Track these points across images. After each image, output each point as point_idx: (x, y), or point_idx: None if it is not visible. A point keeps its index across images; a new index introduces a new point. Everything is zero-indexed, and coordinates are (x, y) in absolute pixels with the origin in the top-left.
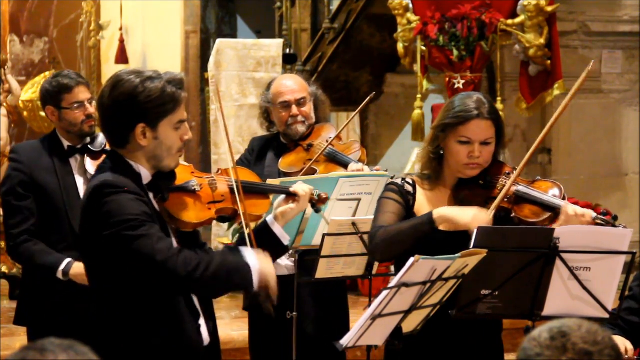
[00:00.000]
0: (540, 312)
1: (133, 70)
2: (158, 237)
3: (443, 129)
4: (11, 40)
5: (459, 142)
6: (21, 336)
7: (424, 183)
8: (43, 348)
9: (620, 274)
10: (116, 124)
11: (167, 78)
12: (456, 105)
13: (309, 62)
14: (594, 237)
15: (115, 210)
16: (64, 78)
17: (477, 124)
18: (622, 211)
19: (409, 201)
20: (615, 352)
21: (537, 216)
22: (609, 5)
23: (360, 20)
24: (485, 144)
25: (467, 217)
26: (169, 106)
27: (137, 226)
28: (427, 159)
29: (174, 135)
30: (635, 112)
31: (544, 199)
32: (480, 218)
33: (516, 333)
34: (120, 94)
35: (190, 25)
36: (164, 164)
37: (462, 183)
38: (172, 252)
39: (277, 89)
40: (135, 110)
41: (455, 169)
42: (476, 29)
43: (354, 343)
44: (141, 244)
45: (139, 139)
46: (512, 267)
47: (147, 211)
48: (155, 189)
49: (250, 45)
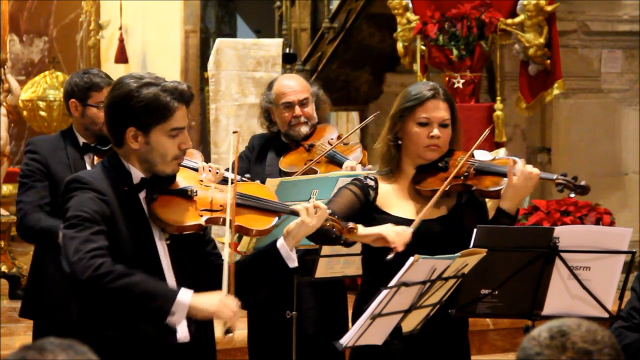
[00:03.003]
0: (539, 312)
1: (138, 74)
2: (87, 239)
3: (401, 114)
4: (11, 39)
5: (419, 124)
6: (21, 335)
7: (384, 178)
8: (42, 347)
9: (620, 273)
10: (112, 124)
11: (165, 86)
12: (411, 90)
13: (308, 62)
14: (593, 237)
15: (72, 205)
16: (95, 76)
17: (434, 104)
18: (622, 211)
19: (369, 195)
20: (615, 351)
21: (496, 184)
22: (609, 5)
23: (360, 19)
24: (443, 125)
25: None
26: (159, 114)
27: (75, 224)
28: (385, 150)
29: (169, 142)
30: (635, 112)
31: (502, 169)
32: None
33: (516, 332)
34: (116, 96)
35: (189, 25)
36: (157, 169)
37: (421, 170)
38: (88, 255)
39: (280, 90)
40: (126, 114)
41: (415, 154)
42: (476, 28)
43: (353, 343)
44: (68, 242)
45: (130, 142)
46: (511, 267)
47: (99, 211)
48: (147, 189)
49: (250, 44)
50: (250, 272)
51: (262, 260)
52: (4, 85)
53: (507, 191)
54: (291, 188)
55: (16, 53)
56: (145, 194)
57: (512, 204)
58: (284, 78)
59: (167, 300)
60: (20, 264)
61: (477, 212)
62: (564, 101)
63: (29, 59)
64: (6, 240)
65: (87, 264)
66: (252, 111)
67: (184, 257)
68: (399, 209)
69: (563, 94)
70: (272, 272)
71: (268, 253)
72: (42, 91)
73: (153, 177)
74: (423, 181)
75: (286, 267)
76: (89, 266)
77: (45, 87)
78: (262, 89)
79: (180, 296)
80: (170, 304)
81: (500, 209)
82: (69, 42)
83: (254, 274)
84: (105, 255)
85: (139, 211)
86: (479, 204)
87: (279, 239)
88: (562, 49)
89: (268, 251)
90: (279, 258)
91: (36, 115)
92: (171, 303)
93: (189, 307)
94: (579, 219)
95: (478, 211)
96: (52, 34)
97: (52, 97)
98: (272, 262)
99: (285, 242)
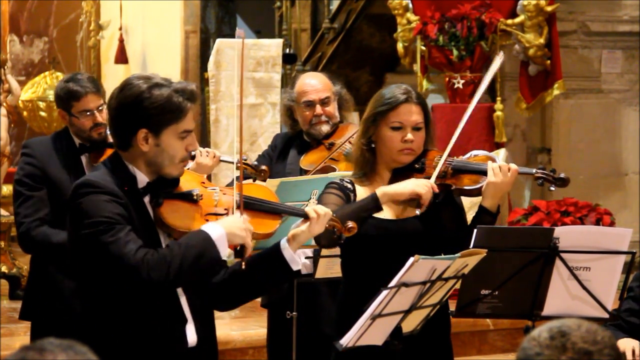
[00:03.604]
0: (540, 312)
1: (144, 75)
2: (125, 240)
3: (374, 119)
4: (11, 40)
5: (392, 129)
6: (21, 336)
7: (359, 182)
8: (42, 348)
9: (620, 273)
10: (120, 127)
11: (176, 87)
12: (385, 94)
13: (308, 62)
14: (593, 237)
15: (90, 210)
16: (75, 84)
17: (406, 108)
18: (622, 211)
19: (350, 196)
20: (615, 351)
21: (475, 182)
22: (609, 5)
23: (360, 20)
24: (416, 129)
25: (409, 184)
26: (173, 115)
27: (106, 230)
28: (359, 154)
29: (178, 144)
30: (635, 112)
31: (481, 167)
32: (421, 182)
33: (516, 333)
34: (126, 97)
35: (190, 25)
36: (164, 172)
37: (397, 173)
38: (139, 257)
39: (301, 88)
40: (138, 115)
41: (390, 158)
42: (476, 28)
43: (353, 343)
44: (111, 248)
45: (140, 144)
46: (511, 267)
47: (120, 212)
48: (152, 193)
49: (250, 45)
50: (254, 273)
51: (265, 262)
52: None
53: (487, 189)
54: (292, 188)
55: (16, 53)
56: (149, 198)
57: (493, 202)
58: (306, 76)
59: (211, 247)
60: (20, 265)
61: (454, 210)
62: (564, 101)
63: (29, 60)
64: (6, 240)
65: (151, 267)
66: (252, 111)
67: None
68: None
69: (563, 95)
70: (275, 274)
71: (272, 255)
72: (42, 91)
73: (158, 181)
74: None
75: (289, 269)
76: (154, 267)
77: (45, 87)
78: (263, 89)
79: (215, 236)
80: (215, 249)
81: (482, 207)
82: (69, 42)
83: (257, 275)
84: (147, 252)
85: (145, 215)
86: (454, 203)
87: (283, 241)
88: (562, 49)
89: (272, 254)
90: (283, 261)
91: (36, 116)
92: (215, 247)
93: (227, 237)
94: (579, 219)
95: (454, 209)
96: (52, 34)
97: (52, 98)
98: (276, 264)
99: (290, 246)
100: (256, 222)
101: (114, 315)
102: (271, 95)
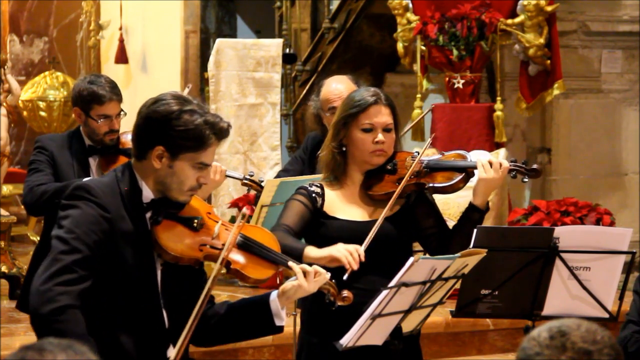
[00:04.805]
0: (540, 312)
1: (181, 95)
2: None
3: (345, 122)
4: (11, 40)
5: (363, 130)
6: (21, 336)
7: (330, 185)
8: (42, 348)
9: (620, 273)
10: (140, 137)
11: (208, 119)
12: (354, 97)
13: (308, 62)
14: (593, 237)
15: (71, 217)
16: (100, 88)
17: (376, 109)
18: (622, 211)
19: (317, 202)
20: (615, 351)
21: (449, 179)
22: (609, 5)
23: (360, 20)
24: (387, 130)
25: (331, 250)
26: (195, 144)
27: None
28: (330, 157)
29: (191, 172)
30: (635, 112)
31: (455, 164)
32: (343, 248)
33: (516, 332)
34: (155, 112)
35: (190, 25)
36: (170, 194)
37: (369, 175)
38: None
39: (326, 96)
40: (161, 133)
41: (362, 160)
42: (476, 28)
43: (353, 343)
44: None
45: (153, 160)
46: (511, 267)
47: (96, 231)
48: (154, 210)
49: (250, 45)
50: (236, 318)
51: (250, 310)
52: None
53: (478, 186)
54: (292, 188)
55: (16, 53)
56: (150, 215)
57: (483, 199)
58: (331, 81)
59: None
60: (20, 264)
61: (428, 207)
62: (564, 101)
63: (29, 59)
64: (6, 240)
65: (50, 297)
66: (252, 111)
67: (174, 285)
68: (347, 213)
69: (563, 94)
70: (257, 324)
71: (258, 304)
72: (42, 91)
73: (163, 199)
74: (374, 186)
75: (272, 323)
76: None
77: (46, 87)
78: (262, 89)
79: None
80: None
81: (471, 204)
82: (69, 42)
83: (239, 321)
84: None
85: (144, 230)
86: (427, 200)
87: (273, 293)
88: (562, 49)
89: (259, 302)
90: (268, 313)
91: (36, 116)
92: None
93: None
94: (579, 219)
95: (428, 206)
96: (52, 34)
97: (52, 98)
98: (260, 314)
99: (279, 299)
100: (251, 266)
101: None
102: (271, 95)
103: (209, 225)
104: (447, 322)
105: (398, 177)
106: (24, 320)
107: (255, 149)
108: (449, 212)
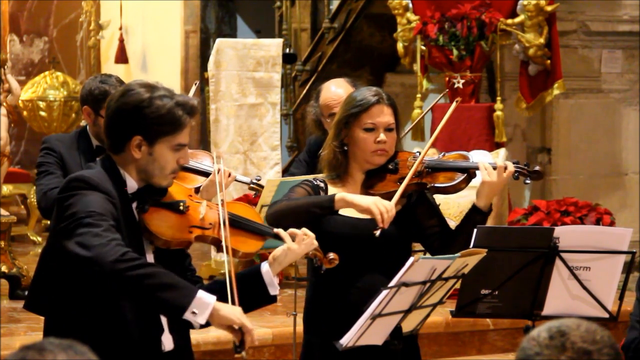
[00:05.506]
0: (540, 312)
1: (147, 82)
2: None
3: (346, 121)
4: (11, 39)
5: (365, 130)
6: (21, 336)
7: (332, 183)
8: (42, 348)
9: (620, 273)
10: (115, 131)
11: (178, 100)
12: (356, 96)
13: (308, 62)
14: (593, 237)
15: (78, 204)
16: (111, 87)
17: (379, 109)
18: (622, 211)
19: (320, 194)
20: (614, 351)
21: (450, 180)
22: (609, 5)
23: (360, 19)
24: (389, 130)
25: (369, 200)
26: (171, 127)
27: (89, 222)
28: (332, 157)
29: (170, 156)
30: (635, 112)
31: (457, 164)
32: (382, 203)
33: (516, 332)
34: (125, 103)
35: (190, 25)
36: (154, 181)
37: (370, 175)
38: (113, 242)
39: (325, 102)
40: (136, 122)
41: (363, 160)
42: (476, 28)
43: (353, 343)
44: (85, 230)
45: (133, 151)
46: (511, 267)
47: (111, 210)
48: (139, 199)
49: (250, 44)
50: None
51: (244, 283)
52: (4, 85)
53: (482, 189)
54: None
55: (16, 53)
56: (136, 204)
57: (487, 201)
58: (330, 85)
59: (188, 294)
60: (20, 264)
61: (429, 207)
62: (564, 101)
63: (29, 59)
64: (6, 240)
65: (113, 249)
66: (252, 111)
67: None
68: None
69: (563, 94)
70: (253, 296)
71: (251, 277)
72: (42, 91)
73: (146, 188)
74: (375, 185)
75: (267, 293)
76: (116, 251)
77: (46, 87)
78: (263, 89)
79: (203, 295)
80: (190, 298)
81: (475, 206)
82: (69, 42)
83: None
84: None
85: (132, 220)
86: (428, 201)
87: (264, 264)
88: (562, 49)
89: (251, 275)
90: (262, 284)
91: (36, 116)
92: (191, 298)
93: (213, 309)
94: (579, 219)
95: (429, 206)
96: (52, 34)
97: (52, 97)
98: (254, 286)
99: (271, 268)
100: (239, 240)
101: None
102: (271, 95)
103: (194, 207)
104: (447, 322)
105: (399, 176)
106: (24, 320)
107: (255, 149)
108: (450, 212)
